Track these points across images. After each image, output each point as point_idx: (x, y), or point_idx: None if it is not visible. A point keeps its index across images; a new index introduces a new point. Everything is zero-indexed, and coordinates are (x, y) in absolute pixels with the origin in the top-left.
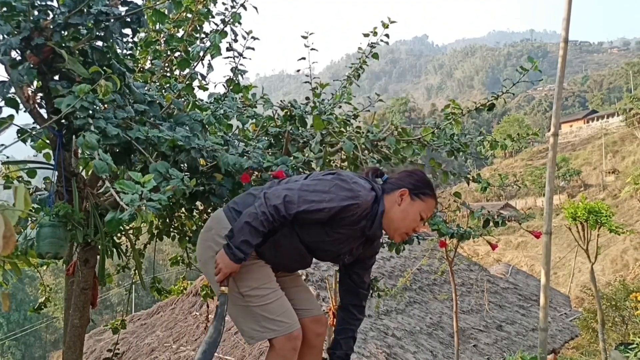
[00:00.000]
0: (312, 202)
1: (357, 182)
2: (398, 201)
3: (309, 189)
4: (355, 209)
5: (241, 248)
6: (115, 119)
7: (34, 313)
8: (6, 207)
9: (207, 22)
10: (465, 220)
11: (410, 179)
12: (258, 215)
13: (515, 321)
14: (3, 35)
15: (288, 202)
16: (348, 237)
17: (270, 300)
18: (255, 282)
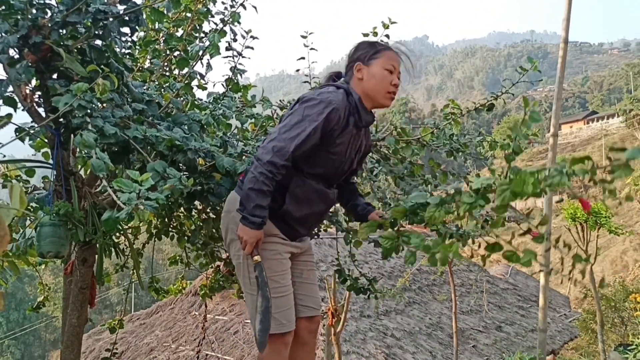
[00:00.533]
0: (298, 135)
1: (321, 93)
2: (359, 76)
3: (287, 127)
4: (335, 113)
5: (255, 213)
6: (113, 117)
7: (33, 312)
8: (0, 205)
9: (207, 22)
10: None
11: (354, 54)
12: (257, 178)
13: (514, 322)
14: (1, 34)
15: (278, 151)
16: (348, 141)
17: (280, 294)
18: (271, 272)
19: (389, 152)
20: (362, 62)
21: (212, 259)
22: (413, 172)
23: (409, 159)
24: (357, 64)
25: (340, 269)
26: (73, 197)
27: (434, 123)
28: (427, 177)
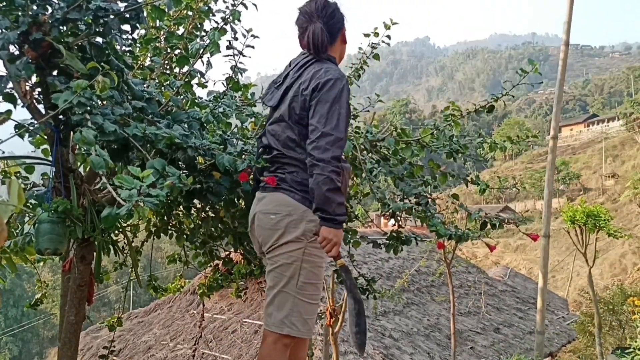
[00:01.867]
0: (340, 120)
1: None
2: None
3: (326, 118)
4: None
5: (339, 212)
6: (113, 115)
7: (31, 309)
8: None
9: (208, 20)
10: (464, 222)
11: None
12: (330, 177)
13: (512, 324)
14: (1, 30)
15: (334, 144)
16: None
17: (314, 302)
18: (316, 278)
19: (388, 153)
20: (343, 27)
21: (210, 258)
22: (413, 173)
23: (408, 159)
24: (343, 28)
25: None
26: (72, 194)
27: (434, 124)
28: (426, 178)
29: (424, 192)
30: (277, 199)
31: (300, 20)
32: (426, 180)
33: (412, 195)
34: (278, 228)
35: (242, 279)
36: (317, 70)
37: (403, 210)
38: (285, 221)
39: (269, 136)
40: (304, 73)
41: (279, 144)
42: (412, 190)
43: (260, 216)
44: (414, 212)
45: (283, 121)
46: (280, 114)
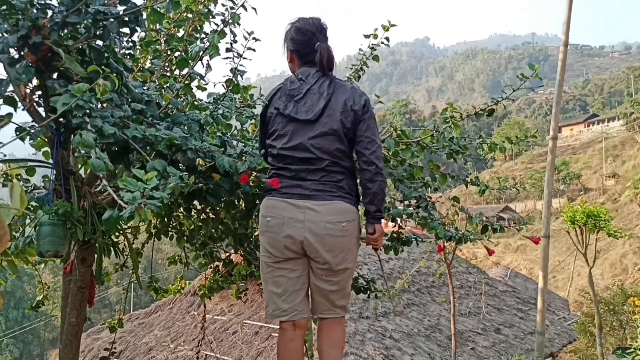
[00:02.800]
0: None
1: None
2: None
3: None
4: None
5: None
6: (112, 117)
7: (32, 311)
8: (0, 205)
9: (208, 22)
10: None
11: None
12: (385, 182)
13: (513, 324)
14: (1, 33)
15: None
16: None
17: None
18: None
19: (388, 155)
20: None
21: (211, 259)
22: (413, 175)
23: (408, 161)
24: None
25: None
26: (72, 196)
27: (434, 126)
28: (426, 179)
29: (424, 195)
30: (341, 208)
31: (304, 37)
32: (426, 182)
33: (412, 198)
34: (348, 234)
35: (243, 281)
36: (353, 88)
37: (402, 216)
38: (351, 227)
39: (312, 149)
40: (340, 90)
41: (329, 155)
42: (412, 192)
43: (317, 226)
44: (414, 217)
45: (332, 134)
46: (327, 128)
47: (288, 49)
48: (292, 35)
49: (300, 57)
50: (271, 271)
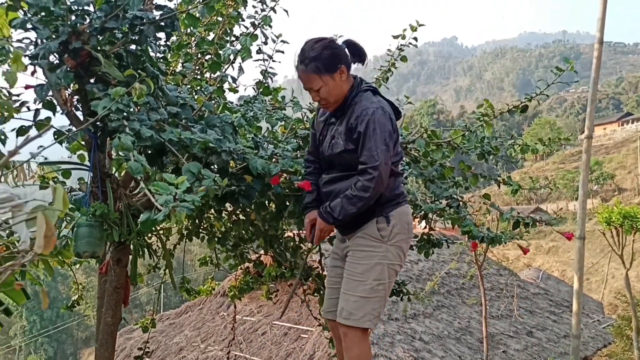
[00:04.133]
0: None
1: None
2: None
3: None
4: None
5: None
6: (149, 121)
7: (67, 310)
8: (47, 207)
9: (237, 25)
10: (495, 224)
11: None
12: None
13: (546, 327)
14: (42, 40)
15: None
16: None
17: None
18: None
19: (418, 155)
20: None
21: (241, 260)
22: (443, 175)
23: (439, 161)
24: None
25: None
26: (109, 198)
27: (465, 125)
28: (457, 179)
29: (455, 194)
30: None
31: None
32: (457, 182)
33: (443, 198)
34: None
35: (273, 282)
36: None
37: (435, 212)
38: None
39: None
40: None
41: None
42: (443, 192)
43: None
44: (445, 214)
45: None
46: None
47: (344, 63)
48: (344, 51)
49: (349, 68)
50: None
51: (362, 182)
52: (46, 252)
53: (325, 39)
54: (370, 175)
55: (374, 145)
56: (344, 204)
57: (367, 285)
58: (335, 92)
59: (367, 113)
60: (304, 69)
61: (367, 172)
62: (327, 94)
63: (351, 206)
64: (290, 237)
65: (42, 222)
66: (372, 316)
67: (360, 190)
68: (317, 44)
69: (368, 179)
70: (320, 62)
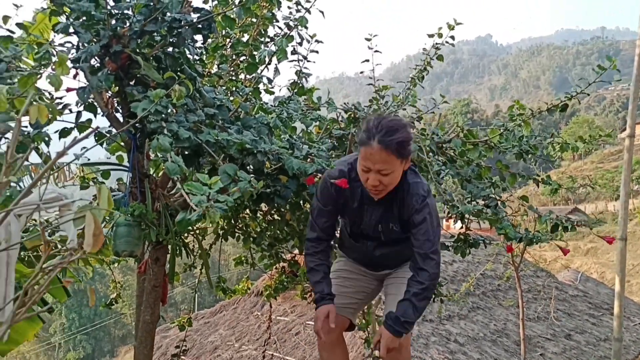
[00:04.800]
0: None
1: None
2: None
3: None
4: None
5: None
6: (187, 122)
7: (106, 308)
8: (94, 206)
9: (272, 27)
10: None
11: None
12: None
13: (585, 330)
14: (83, 44)
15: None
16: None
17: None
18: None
19: (455, 155)
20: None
21: (276, 260)
22: (480, 175)
23: (475, 161)
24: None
25: None
26: (147, 198)
27: (503, 124)
28: (495, 179)
29: (492, 194)
30: None
31: None
32: (494, 182)
33: (480, 197)
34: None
35: (307, 281)
36: None
37: (472, 212)
38: None
39: None
40: None
41: None
42: (480, 192)
43: None
44: (483, 215)
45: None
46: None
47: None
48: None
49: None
50: None
51: (428, 271)
52: (94, 250)
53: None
54: (434, 260)
55: (431, 231)
56: (416, 304)
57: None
58: (395, 181)
59: (425, 203)
60: (384, 148)
61: (430, 258)
62: (390, 182)
63: (424, 300)
64: None
65: (91, 220)
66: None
67: (428, 280)
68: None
69: (433, 265)
70: (403, 148)
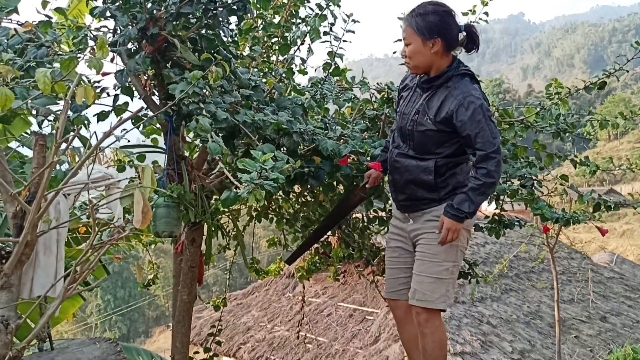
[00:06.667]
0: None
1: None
2: None
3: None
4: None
5: None
6: (224, 103)
7: (143, 289)
8: (140, 185)
9: (303, 7)
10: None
11: None
12: None
13: (621, 312)
14: (120, 27)
15: None
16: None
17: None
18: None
19: None
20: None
21: None
22: (516, 155)
23: (511, 141)
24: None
25: None
26: (184, 180)
27: (540, 103)
28: (531, 159)
29: (528, 174)
30: None
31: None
32: (531, 162)
33: (516, 177)
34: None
35: (340, 262)
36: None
37: (508, 193)
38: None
39: None
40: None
41: None
42: (515, 172)
43: None
44: (518, 195)
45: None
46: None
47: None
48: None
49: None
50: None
51: (487, 169)
52: (143, 227)
53: (444, 8)
54: (494, 159)
55: (489, 131)
56: (472, 197)
57: (443, 266)
58: (419, 59)
59: (474, 102)
60: (407, 20)
61: (491, 157)
62: (411, 54)
63: (481, 196)
64: (358, 218)
65: (139, 198)
66: (447, 297)
67: (487, 177)
68: (431, 6)
69: (494, 163)
70: (421, 21)
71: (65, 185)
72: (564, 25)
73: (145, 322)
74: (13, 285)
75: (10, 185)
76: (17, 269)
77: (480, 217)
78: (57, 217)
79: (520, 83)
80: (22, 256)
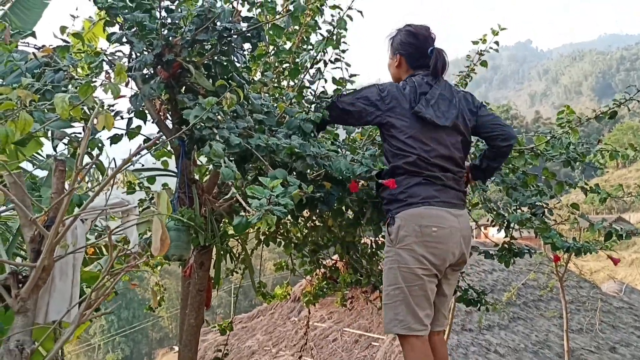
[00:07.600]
0: None
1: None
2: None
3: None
4: None
5: None
6: (237, 128)
7: (148, 311)
8: (156, 212)
9: (314, 34)
10: (578, 234)
11: None
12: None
13: (630, 343)
14: (136, 53)
15: None
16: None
17: None
18: None
19: None
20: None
21: (317, 266)
22: (526, 183)
23: (521, 168)
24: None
25: None
26: (195, 203)
27: (549, 132)
28: (541, 187)
29: (539, 202)
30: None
31: (417, 41)
32: (541, 190)
33: (527, 205)
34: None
35: (347, 288)
36: (466, 93)
37: (519, 221)
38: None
39: (456, 158)
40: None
41: (462, 163)
42: (526, 200)
43: (467, 233)
44: (530, 224)
45: (465, 140)
46: (462, 133)
47: (397, 52)
48: (404, 39)
49: (411, 61)
50: (422, 285)
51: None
52: (161, 254)
53: (410, 29)
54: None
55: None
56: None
57: (385, 290)
58: (390, 72)
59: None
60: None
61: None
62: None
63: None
64: (366, 243)
65: (158, 226)
66: (398, 321)
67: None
68: (403, 28)
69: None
70: (390, 41)
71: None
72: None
73: (148, 343)
74: (29, 309)
75: (29, 210)
76: (33, 294)
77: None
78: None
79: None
80: (39, 281)
